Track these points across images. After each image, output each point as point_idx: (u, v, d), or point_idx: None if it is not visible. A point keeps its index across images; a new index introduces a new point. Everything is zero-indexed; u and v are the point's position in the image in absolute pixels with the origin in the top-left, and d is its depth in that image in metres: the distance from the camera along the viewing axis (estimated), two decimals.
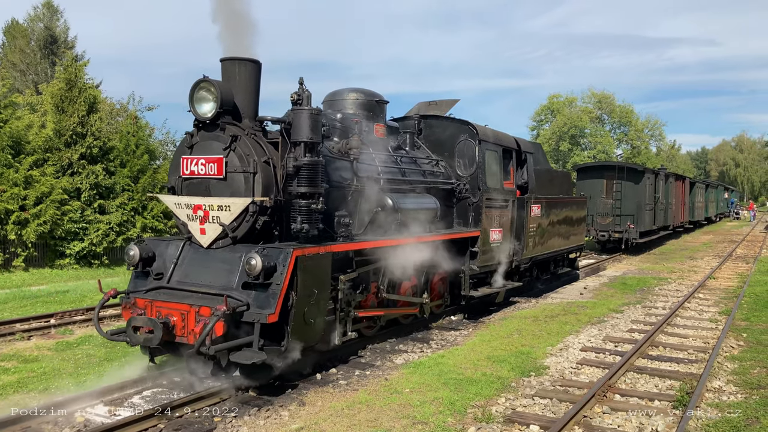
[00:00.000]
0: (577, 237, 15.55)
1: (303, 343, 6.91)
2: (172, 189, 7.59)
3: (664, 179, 27.20)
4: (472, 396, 6.75)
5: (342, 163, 8.20)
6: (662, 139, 67.65)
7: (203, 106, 7.19)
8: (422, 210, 9.66)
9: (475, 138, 10.87)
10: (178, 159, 7.44)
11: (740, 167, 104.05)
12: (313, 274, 6.95)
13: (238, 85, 7.32)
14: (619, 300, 13.09)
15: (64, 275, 17.54)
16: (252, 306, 6.47)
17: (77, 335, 9.89)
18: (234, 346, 6.42)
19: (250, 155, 7.04)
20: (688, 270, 18.56)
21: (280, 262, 6.58)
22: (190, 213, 7.21)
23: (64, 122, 19.37)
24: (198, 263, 7.14)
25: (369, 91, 9.69)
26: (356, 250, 8.02)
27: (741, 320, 10.78)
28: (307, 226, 7.05)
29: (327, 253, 7.22)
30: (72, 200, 18.88)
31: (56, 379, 7.44)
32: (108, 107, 27.48)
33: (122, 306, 7.13)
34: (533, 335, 9.63)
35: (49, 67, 32.74)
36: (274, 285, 6.52)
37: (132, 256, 7.29)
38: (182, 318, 6.59)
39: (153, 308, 6.81)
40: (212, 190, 7.20)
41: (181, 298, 6.78)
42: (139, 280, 7.36)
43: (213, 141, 7.21)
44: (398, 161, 9.68)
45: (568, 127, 56.33)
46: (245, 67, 7.35)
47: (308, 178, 7.10)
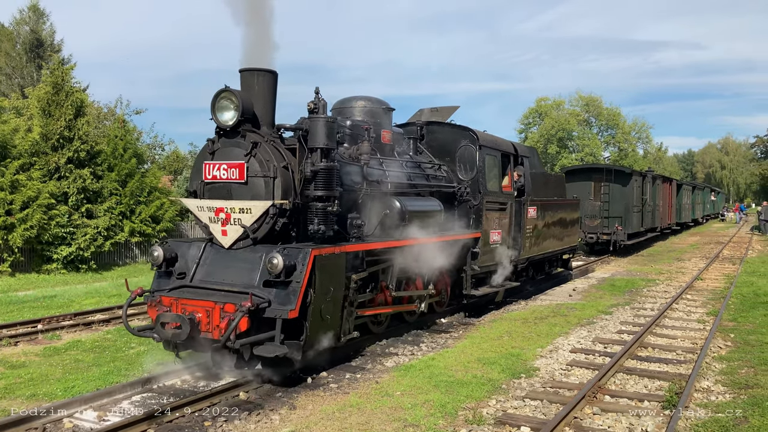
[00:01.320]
0: (570, 238, 15.94)
1: (319, 338, 7.25)
2: (194, 193, 7.95)
3: (651, 181, 27.39)
4: (462, 398, 6.76)
5: (353, 167, 8.59)
6: (649, 141, 68.25)
7: (225, 114, 7.58)
8: (428, 212, 9.99)
9: (475, 143, 11.28)
10: (200, 164, 7.81)
11: (726, 169, 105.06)
12: (330, 272, 7.35)
13: (257, 94, 7.75)
14: (608, 301, 13.16)
15: (51, 280, 17.40)
16: (273, 303, 6.83)
17: (65, 340, 9.81)
18: (257, 340, 6.79)
19: (270, 161, 7.44)
20: (676, 271, 18.69)
21: (299, 261, 6.95)
22: (212, 215, 7.59)
23: (51, 126, 19.23)
24: (220, 263, 7.50)
25: (376, 98, 10.09)
26: (366, 251, 8.36)
27: (728, 321, 10.87)
28: (323, 227, 7.53)
29: (342, 253, 7.64)
30: (59, 205, 18.74)
31: (44, 385, 7.37)
32: (95, 111, 27.37)
33: (148, 304, 7.43)
34: (523, 337, 9.66)
35: (36, 71, 32.48)
36: (294, 283, 6.88)
37: (156, 256, 7.62)
38: (207, 314, 6.92)
39: (178, 305, 7.13)
40: (234, 194, 7.57)
41: (204, 295, 7.11)
42: (162, 279, 7.70)
43: (234, 147, 7.59)
44: (404, 166, 10.04)
45: (555, 130, 56.67)
46: (263, 78, 7.79)
47: (324, 182, 7.57)
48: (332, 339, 7.56)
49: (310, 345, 7.13)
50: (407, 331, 10.10)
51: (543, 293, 14.34)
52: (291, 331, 7.00)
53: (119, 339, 9.84)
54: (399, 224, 9.21)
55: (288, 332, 6.93)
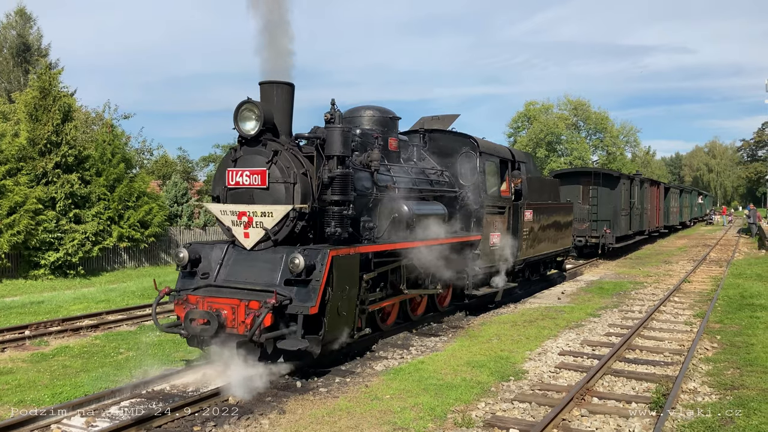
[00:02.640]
0: (564, 240, 16.45)
1: (336, 333, 7.75)
2: (217, 198, 8.45)
3: (639, 185, 27.57)
4: (452, 401, 6.78)
5: (364, 173, 9.07)
6: (637, 145, 68.79)
7: (247, 124, 8.07)
8: (433, 216, 10.44)
9: (476, 150, 11.79)
10: (223, 171, 8.32)
11: (713, 172, 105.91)
12: (346, 272, 7.85)
13: (276, 105, 8.25)
14: (597, 304, 13.24)
15: (38, 286, 17.29)
16: (294, 300, 7.31)
17: (53, 346, 9.75)
18: (280, 335, 7.25)
19: (290, 168, 7.94)
20: (664, 274, 18.82)
21: (318, 261, 7.43)
22: (235, 219, 8.07)
23: (38, 131, 19.11)
24: (242, 263, 7.97)
25: (383, 108, 10.62)
26: (376, 252, 8.85)
27: (715, 323, 10.97)
28: (339, 229, 8.08)
29: (356, 253, 8.16)
30: (47, 210, 18.62)
31: (31, 391, 7.32)
32: (83, 115, 27.22)
33: (175, 302, 7.84)
34: (512, 340, 9.70)
35: (23, 75, 32.31)
36: (314, 281, 7.35)
37: (182, 257, 8.11)
38: (232, 311, 7.36)
39: (205, 303, 7.56)
40: (256, 199, 8.06)
41: (229, 294, 7.57)
42: (187, 279, 8.17)
43: (256, 155, 8.07)
44: (409, 171, 10.55)
45: (544, 134, 56.94)
46: (282, 90, 8.31)
47: (340, 188, 8.12)
48: (348, 334, 8.05)
49: (327, 339, 7.62)
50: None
51: (532, 296, 14.41)
52: (310, 327, 7.43)
53: (107, 344, 9.80)
54: (407, 227, 9.68)
55: (307, 328, 7.34)
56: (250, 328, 7.07)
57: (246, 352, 7.52)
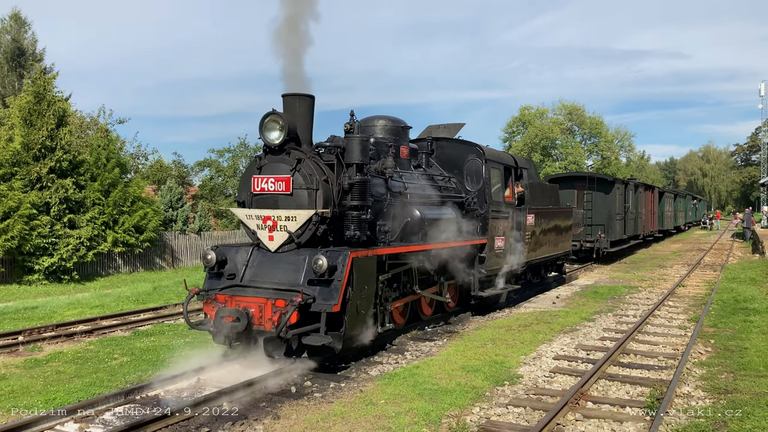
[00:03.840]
0: (564, 244, 16.90)
1: (356, 330, 8.20)
2: (242, 203, 8.91)
3: (634, 189, 27.65)
4: (446, 406, 6.78)
5: (379, 180, 9.54)
6: (632, 149, 68.89)
7: (272, 134, 8.56)
8: (443, 220, 10.97)
9: (481, 158, 12.27)
10: (248, 178, 8.79)
11: (707, 177, 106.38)
12: (365, 272, 8.31)
13: (298, 116, 8.73)
14: (591, 308, 13.26)
15: (32, 291, 17.23)
16: (318, 299, 7.76)
17: (46, 352, 9.71)
18: (305, 331, 7.70)
19: (312, 175, 8.44)
20: (658, 278, 18.86)
21: (339, 262, 7.88)
22: (260, 223, 8.57)
23: (33, 136, 19.08)
24: (267, 264, 8.45)
25: (395, 118, 11.12)
26: (390, 254, 9.28)
27: (709, 327, 11.00)
28: (358, 233, 8.56)
29: (374, 255, 8.64)
30: (41, 215, 18.57)
31: (25, 397, 7.29)
32: (78, 120, 27.17)
33: (204, 302, 8.29)
34: (507, 344, 9.71)
35: (17, 80, 32.25)
36: (335, 281, 7.81)
37: (210, 259, 8.64)
38: (259, 309, 7.83)
39: (233, 302, 8.03)
40: (280, 204, 8.55)
41: (255, 293, 8.03)
42: (213, 280, 8.65)
43: (280, 163, 8.58)
44: (419, 178, 11.10)
45: (539, 139, 57.05)
46: (303, 101, 8.80)
47: (359, 194, 8.61)
48: (366, 331, 8.52)
49: (348, 336, 8.07)
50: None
51: (527, 301, 14.43)
52: (331, 324, 7.89)
53: (101, 350, 9.77)
54: (419, 231, 10.22)
55: (328, 325, 7.79)
56: (277, 325, 7.54)
57: (272, 348, 8.05)
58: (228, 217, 34.68)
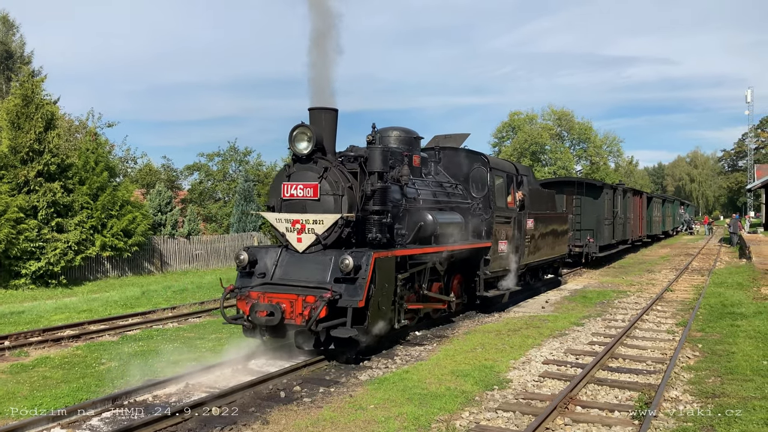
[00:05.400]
0: (560, 247, 17.62)
1: (377, 325, 8.85)
2: (272, 208, 9.63)
3: (622, 194, 27.79)
4: (436, 410, 6.78)
5: (395, 187, 10.13)
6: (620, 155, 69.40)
7: (300, 144, 9.30)
8: (452, 224, 11.62)
9: (486, 166, 12.96)
10: (278, 185, 9.54)
11: (695, 182, 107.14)
12: (385, 271, 9.01)
13: (324, 128, 9.43)
14: (580, 313, 13.31)
15: (19, 296, 17.08)
16: (344, 295, 8.44)
17: (33, 357, 9.63)
18: (333, 325, 8.32)
19: (338, 182, 9.19)
20: (647, 283, 18.96)
21: (363, 262, 8.54)
22: (289, 226, 9.28)
23: (20, 139, 18.93)
24: (295, 264, 9.15)
25: (408, 129, 11.80)
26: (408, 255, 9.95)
27: (697, 331, 11.07)
28: (379, 235, 9.31)
29: (393, 256, 9.32)
30: (28, 219, 18.43)
31: (10, 403, 7.22)
32: (66, 124, 27.00)
33: (237, 298, 8.93)
34: (496, 349, 9.72)
35: (5, 83, 31.99)
36: (360, 279, 8.48)
37: (242, 259, 9.30)
38: (291, 304, 8.48)
39: (265, 298, 8.69)
40: (308, 208, 9.27)
41: (285, 290, 8.70)
42: (245, 278, 9.28)
43: (308, 171, 9.32)
44: (430, 185, 11.79)
45: (529, 144, 57.33)
46: (328, 114, 9.49)
47: (381, 199, 9.39)
48: (386, 326, 9.15)
49: (370, 330, 8.76)
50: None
51: (516, 305, 14.46)
52: (355, 319, 8.45)
53: (89, 355, 9.70)
54: (431, 234, 10.84)
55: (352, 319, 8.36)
56: (308, 319, 8.21)
57: (302, 340, 8.58)
58: (217, 221, 34.57)
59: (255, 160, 39.47)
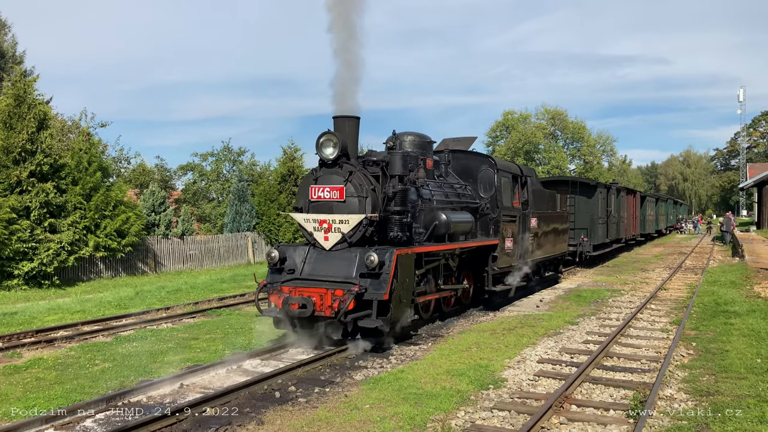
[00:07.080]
0: (561, 245, 18.26)
1: (398, 317, 9.52)
2: (299, 209, 10.33)
3: (616, 193, 27.85)
4: (431, 410, 6.78)
5: (412, 188, 10.71)
6: (614, 154, 69.66)
7: (327, 150, 9.97)
8: (464, 223, 12.32)
9: (494, 168, 13.61)
10: (306, 188, 10.27)
11: (688, 181, 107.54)
12: (406, 267, 9.64)
13: (347, 135, 10.09)
14: (575, 312, 13.33)
15: (12, 297, 16.99)
16: (369, 289, 9.09)
17: (26, 358, 9.57)
18: (360, 316, 9.00)
19: (362, 185, 9.89)
20: (641, 281, 19.02)
21: (387, 258, 9.18)
22: (316, 225, 9.99)
23: (13, 139, 18.82)
24: (322, 261, 9.84)
25: (421, 134, 12.42)
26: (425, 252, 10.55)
27: (690, 330, 11.10)
28: (400, 234, 10.09)
29: (413, 253, 9.96)
30: (21, 219, 18.33)
31: (3, 405, 7.18)
32: (59, 124, 26.88)
33: (270, 292, 9.63)
34: (491, 348, 9.73)
35: None
36: (384, 274, 9.12)
37: (273, 256, 9.95)
38: (320, 298, 9.20)
39: (296, 292, 9.39)
40: (334, 209, 9.95)
41: (314, 284, 9.40)
42: (275, 274, 9.94)
43: (334, 175, 10.02)
44: (442, 186, 12.41)
45: (522, 143, 57.44)
46: (351, 122, 10.19)
47: (401, 200, 10.16)
48: (405, 318, 9.83)
49: (393, 321, 9.41)
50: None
51: (511, 304, 14.48)
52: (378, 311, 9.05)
53: (83, 356, 9.65)
54: (445, 232, 11.44)
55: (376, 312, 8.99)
56: (337, 311, 8.93)
57: (331, 330, 9.30)
58: (211, 221, 34.48)
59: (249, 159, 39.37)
